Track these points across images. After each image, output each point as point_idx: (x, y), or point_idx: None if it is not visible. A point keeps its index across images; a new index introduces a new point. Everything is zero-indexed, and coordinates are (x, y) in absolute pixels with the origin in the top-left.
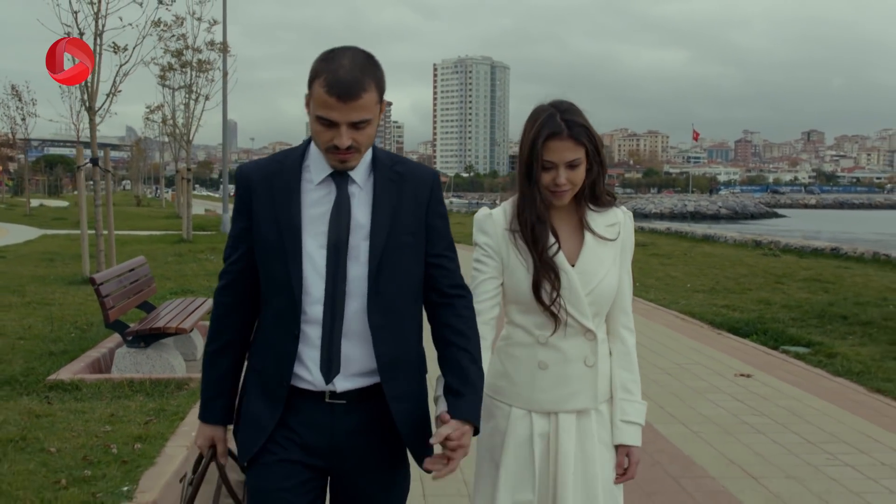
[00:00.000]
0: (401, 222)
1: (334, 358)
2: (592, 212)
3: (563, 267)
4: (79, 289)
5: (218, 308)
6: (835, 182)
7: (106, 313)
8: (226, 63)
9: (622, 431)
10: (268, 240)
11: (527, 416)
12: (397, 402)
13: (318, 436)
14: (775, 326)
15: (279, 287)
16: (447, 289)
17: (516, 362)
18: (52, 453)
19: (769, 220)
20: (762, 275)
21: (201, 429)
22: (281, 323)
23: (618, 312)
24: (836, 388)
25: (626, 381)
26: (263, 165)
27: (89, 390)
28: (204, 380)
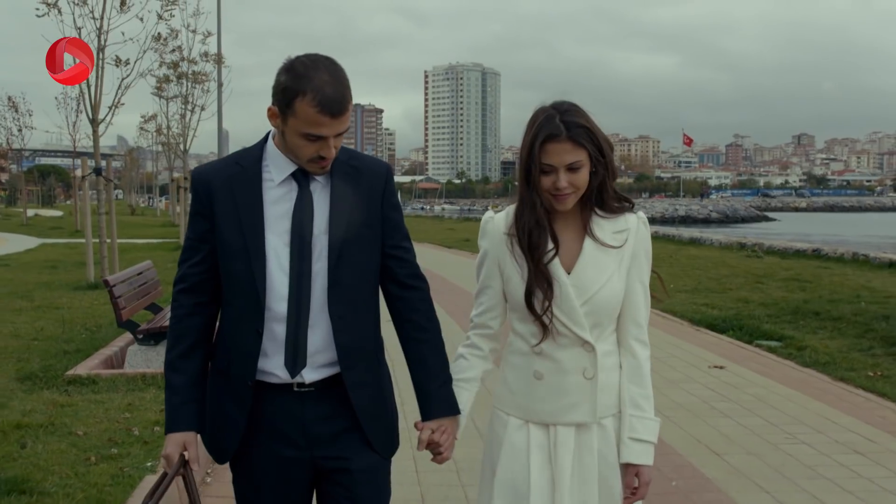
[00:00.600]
0: (358, 215)
1: (300, 352)
2: (599, 217)
3: (557, 275)
4: (84, 294)
5: (179, 310)
6: (825, 185)
7: (118, 313)
8: (220, 74)
9: (630, 449)
10: (231, 240)
11: (524, 426)
12: (357, 389)
13: (292, 426)
14: (751, 322)
15: (242, 286)
16: (405, 279)
17: (514, 371)
18: (80, 436)
19: (759, 223)
20: (743, 275)
21: (170, 439)
22: (243, 322)
23: (629, 324)
24: (802, 377)
25: (636, 396)
26: (221, 168)
27: (105, 384)
28: (170, 387)
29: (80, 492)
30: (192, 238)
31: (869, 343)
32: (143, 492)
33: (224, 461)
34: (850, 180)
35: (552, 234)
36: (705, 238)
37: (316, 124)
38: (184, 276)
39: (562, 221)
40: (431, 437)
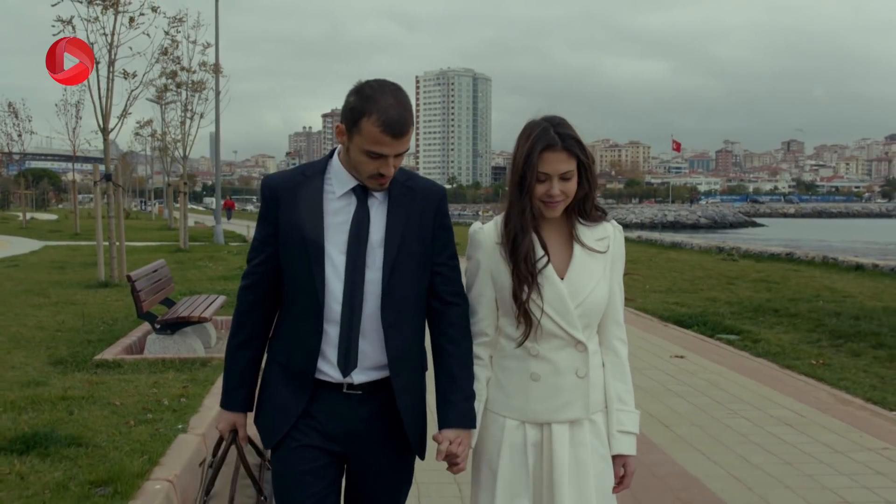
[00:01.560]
0: (411, 233)
1: (352, 354)
2: (582, 226)
3: (552, 280)
4: (97, 291)
5: (242, 305)
6: (814, 191)
7: (139, 305)
8: (218, 83)
9: (619, 442)
10: (293, 244)
11: (520, 426)
12: (402, 394)
13: (337, 423)
14: (715, 319)
15: (304, 287)
16: (446, 296)
17: (509, 374)
18: (118, 405)
19: (747, 229)
20: (716, 277)
21: (223, 415)
22: (305, 320)
23: (610, 324)
24: (754, 365)
25: (621, 391)
26: (288, 178)
27: (130, 367)
28: (227, 370)
29: (125, 445)
30: (257, 240)
31: (818, 336)
32: (178, 447)
33: (270, 446)
34: (838, 186)
35: (542, 242)
36: (686, 242)
37: (378, 143)
38: (248, 274)
39: (549, 230)
40: (450, 449)
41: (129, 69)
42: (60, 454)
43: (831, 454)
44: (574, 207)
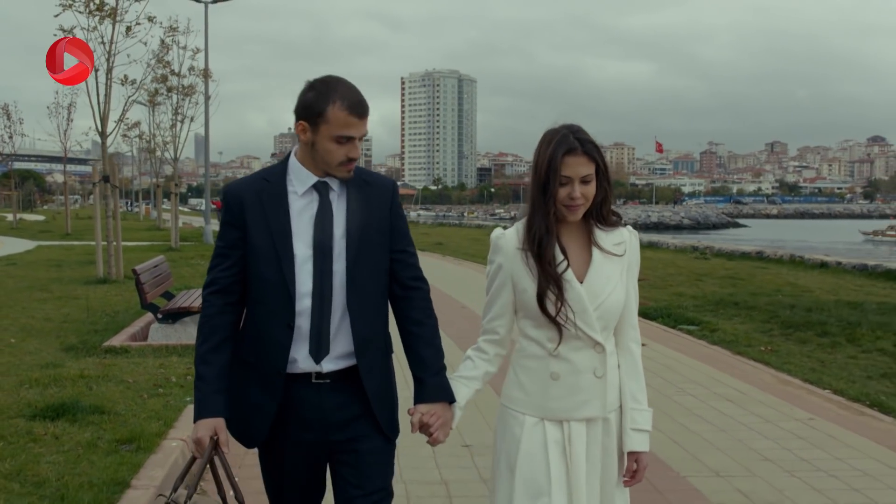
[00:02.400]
0: (370, 223)
1: (323, 342)
2: (600, 231)
3: (572, 283)
4: (96, 287)
5: (211, 309)
6: (797, 192)
7: (143, 297)
8: (208, 88)
9: (633, 439)
10: (262, 246)
11: (539, 423)
12: (368, 375)
13: (311, 412)
14: (679, 311)
15: (273, 287)
16: (407, 280)
17: (530, 373)
18: (130, 383)
19: (730, 229)
20: (687, 274)
21: (201, 424)
22: (274, 317)
23: (626, 327)
24: (709, 352)
25: (635, 390)
26: (251, 183)
27: (136, 352)
28: (200, 378)
29: (142, 413)
30: (222, 246)
31: (771, 326)
32: (188, 414)
33: (252, 446)
34: (821, 188)
35: (561, 247)
36: (662, 242)
37: (347, 125)
38: (214, 280)
39: (568, 235)
40: (422, 419)
41: (126, 75)
42: (86, 420)
43: (762, 423)
44: (592, 212)
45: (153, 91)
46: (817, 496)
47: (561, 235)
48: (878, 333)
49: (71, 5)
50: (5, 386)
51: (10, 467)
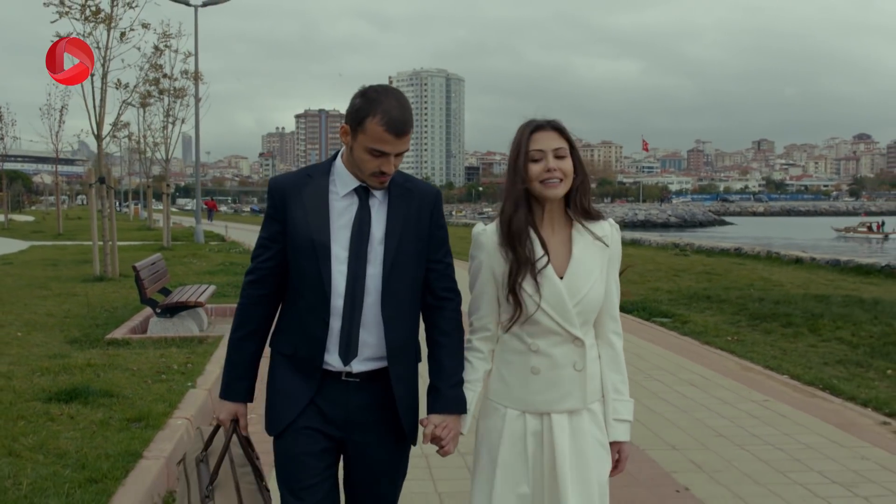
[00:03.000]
0: (409, 231)
1: (352, 344)
2: (580, 224)
3: (552, 279)
4: (94, 285)
5: (247, 299)
6: (783, 190)
7: (143, 292)
8: (198, 90)
9: (615, 429)
10: (301, 241)
11: (521, 416)
12: (399, 382)
13: (336, 409)
14: (654, 305)
15: (311, 283)
16: (440, 291)
17: (511, 367)
18: (135, 370)
19: (716, 227)
20: (665, 270)
21: (224, 405)
22: (312, 312)
23: (607, 319)
24: (679, 342)
25: (617, 382)
26: (294, 179)
27: (137, 344)
28: (229, 362)
29: (148, 396)
30: (264, 238)
31: (739, 318)
32: (190, 397)
33: (275, 432)
34: (807, 185)
35: (541, 241)
36: (644, 239)
37: (381, 141)
38: (254, 270)
39: (548, 228)
40: (434, 432)
41: (120, 79)
42: (97, 402)
43: (720, 404)
44: (572, 204)
45: (145, 93)
46: (762, 465)
47: (542, 230)
48: (838, 324)
49: (67, 12)
50: (19, 374)
51: (33, 442)
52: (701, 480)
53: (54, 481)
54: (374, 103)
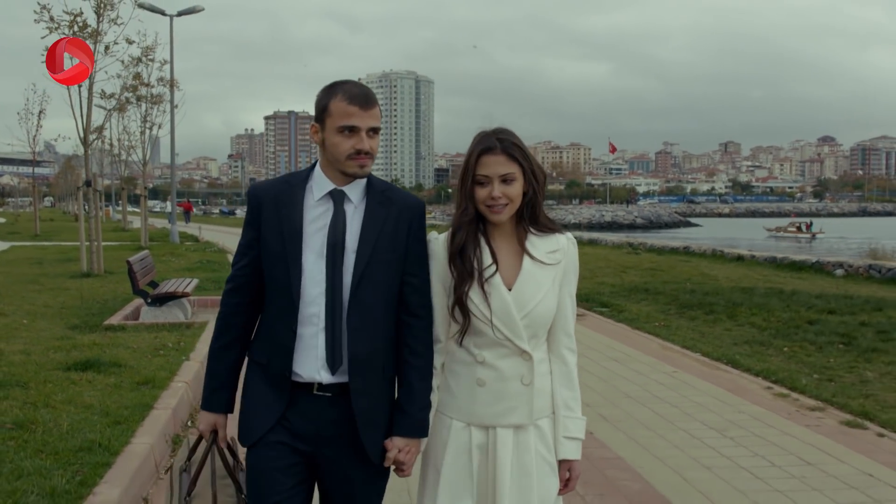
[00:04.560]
0: (384, 241)
1: (337, 353)
2: (533, 236)
3: (500, 290)
4: (82, 280)
5: (226, 307)
6: (749, 192)
7: (136, 284)
8: (173, 97)
9: (565, 447)
10: (273, 248)
11: (466, 428)
12: (359, 396)
13: (306, 423)
14: (598, 297)
15: (281, 289)
16: (414, 307)
17: (457, 378)
18: (135, 349)
19: (682, 228)
20: (615, 267)
21: (204, 416)
22: (281, 320)
23: (560, 334)
24: (613, 328)
25: (568, 398)
26: (273, 184)
27: (132, 329)
28: (210, 372)
29: (151, 366)
30: (242, 244)
31: (669, 307)
32: (186, 366)
33: (248, 443)
34: (773, 187)
35: (492, 252)
36: (601, 239)
37: (347, 115)
38: (233, 277)
39: (500, 240)
40: (397, 457)
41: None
42: (109, 371)
43: (636, 375)
44: (524, 216)
45: (124, 100)
46: (656, 417)
47: (492, 240)
48: (754, 311)
49: (57, 27)
50: (35, 351)
51: (63, 398)
52: (605, 428)
53: (87, 423)
54: (333, 87)
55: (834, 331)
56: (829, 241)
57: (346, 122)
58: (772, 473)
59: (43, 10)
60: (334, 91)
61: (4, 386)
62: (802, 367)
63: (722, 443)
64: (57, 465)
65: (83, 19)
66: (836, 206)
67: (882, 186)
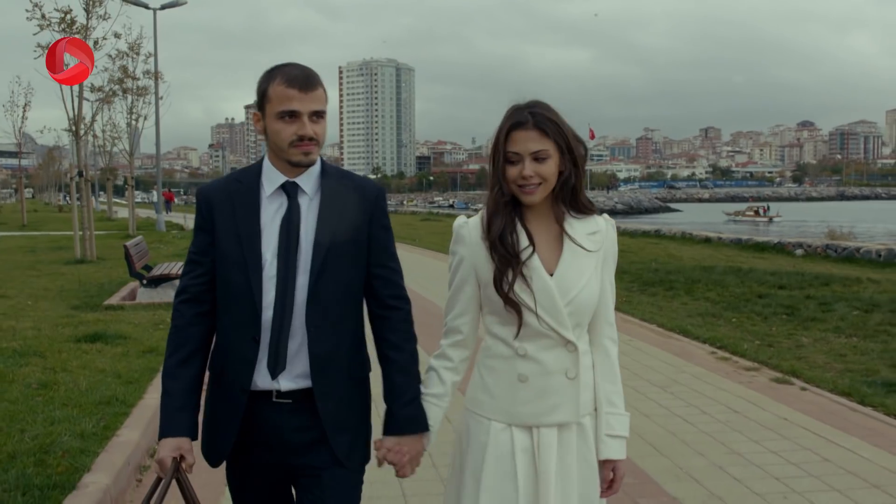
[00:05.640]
0: (343, 233)
1: (280, 356)
2: (573, 219)
3: (541, 276)
4: (77, 266)
5: (180, 320)
6: (729, 177)
7: (132, 267)
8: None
9: (608, 446)
10: (230, 252)
11: (507, 429)
12: (324, 399)
13: (271, 434)
14: None
15: (239, 295)
16: (387, 299)
17: (496, 375)
18: (136, 324)
19: (662, 214)
20: None
21: (165, 443)
22: (240, 329)
23: (601, 323)
24: None
25: (611, 393)
26: (223, 185)
27: (131, 308)
28: (166, 393)
29: (153, 337)
30: (194, 252)
31: (633, 284)
32: None
33: (216, 465)
34: (752, 172)
35: (528, 234)
36: None
37: (287, 99)
38: (185, 288)
39: (536, 222)
40: (387, 457)
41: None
42: (115, 342)
43: None
44: (563, 198)
45: (110, 92)
46: None
47: (529, 224)
48: (710, 287)
49: (48, 24)
50: (45, 327)
51: (78, 364)
52: None
53: (103, 383)
54: (272, 72)
55: (780, 303)
56: (785, 224)
57: (285, 108)
58: (701, 419)
59: (35, 8)
60: (273, 75)
61: (24, 355)
62: (747, 334)
63: (662, 396)
64: (82, 415)
65: (73, 16)
66: (814, 190)
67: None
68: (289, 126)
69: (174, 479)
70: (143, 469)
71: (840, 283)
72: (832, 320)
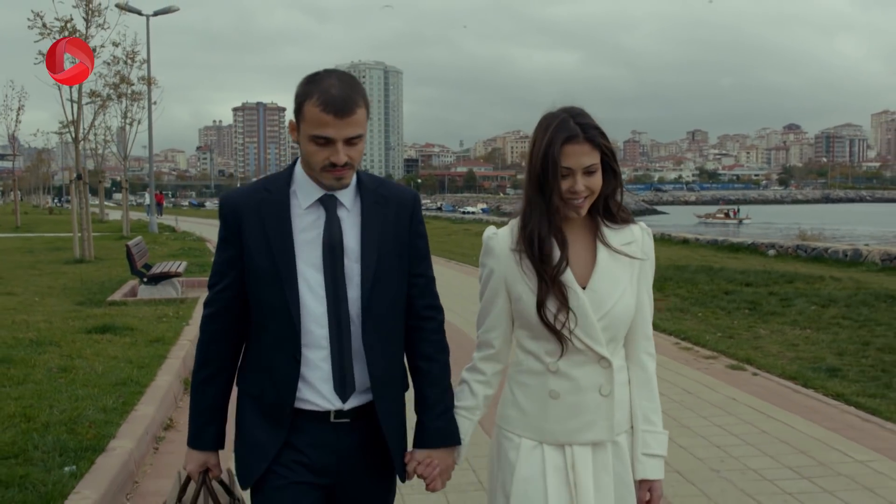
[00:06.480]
0: (388, 245)
1: (348, 378)
2: (608, 228)
3: (573, 288)
4: (76, 265)
5: (206, 335)
6: (716, 179)
7: (134, 265)
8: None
9: (645, 466)
10: (261, 267)
11: (538, 447)
12: (387, 417)
13: (326, 455)
14: None
15: (276, 312)
16: (422, 310)
17: (526, 391)
18: (140, 318)
19: (649, 216)
20: None
21: (192, 455)
22: (280, 348)
23: (639, 337)
24: None
25: (648, 410)
26: (249, 193)
27: (133, 304)
28: (194, 408)
29: (158, 329)
30: (220, 263)
31: None
32: (187, 329)
33: (248, 485)
34: (739, 175)
35: (560, 244)
36: None
37: (321, 125)
38: (211, 301)
39: (570, 232)
40: (417, 470)
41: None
42: (124, 333)
43: None
44: (597, 207)
45: (106, 97)
46: None
47: (559, 233)
48: (680, 285)
49: (49, 33)
50: (55, 320)
51: (92, 352)
52: None
53: (117, 368)
54: (311, 84)
55: (744, 299)
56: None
57: (318, 133)
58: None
59: (36, 18)
60: (310, 92)
61: (41, 344)
62: (710, 327)
63: None
64: (102, 393)
65: (73, 25)
66: (800, 193)
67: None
68: (321, 151)
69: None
70: (159, 439)
71: (804, 280)
72: (790, 314)
